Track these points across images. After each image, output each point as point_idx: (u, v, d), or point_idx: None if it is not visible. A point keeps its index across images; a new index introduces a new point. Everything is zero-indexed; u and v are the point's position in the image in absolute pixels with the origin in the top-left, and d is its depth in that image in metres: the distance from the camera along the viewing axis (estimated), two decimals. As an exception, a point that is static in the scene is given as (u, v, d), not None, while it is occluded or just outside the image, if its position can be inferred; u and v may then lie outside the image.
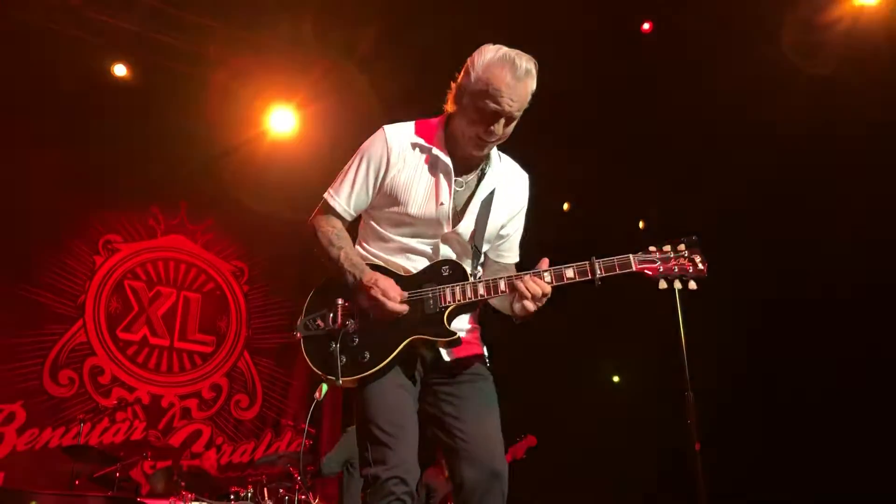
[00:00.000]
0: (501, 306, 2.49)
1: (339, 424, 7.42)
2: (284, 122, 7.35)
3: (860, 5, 5.71)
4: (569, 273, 2.31)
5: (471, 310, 2.45)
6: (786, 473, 6.12)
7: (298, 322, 2.40)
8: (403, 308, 2.31)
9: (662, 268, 2.37)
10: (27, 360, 6.74)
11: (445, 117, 2.47)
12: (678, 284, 2.40)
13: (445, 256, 2.45)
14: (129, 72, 6.69)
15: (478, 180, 2.47)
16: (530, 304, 2.28)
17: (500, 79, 2.23)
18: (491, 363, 2.53)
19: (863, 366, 5.81)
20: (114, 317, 7.32)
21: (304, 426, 2.59)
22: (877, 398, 5.66)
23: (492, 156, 2.48)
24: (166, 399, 7.35)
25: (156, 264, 7.70)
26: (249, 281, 8.14)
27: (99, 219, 7.44)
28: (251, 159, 7.57)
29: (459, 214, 2.44)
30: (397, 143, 2.42)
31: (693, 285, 2.40)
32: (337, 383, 2.29)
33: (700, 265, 2.39)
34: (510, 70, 2.23)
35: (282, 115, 7.30)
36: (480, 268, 2.52)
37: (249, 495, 5.50)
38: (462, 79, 2.35)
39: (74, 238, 7.26)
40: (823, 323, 6.04)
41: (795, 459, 6.05)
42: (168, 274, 7.73)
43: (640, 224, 5.77)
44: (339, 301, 2.37)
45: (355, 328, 2.33)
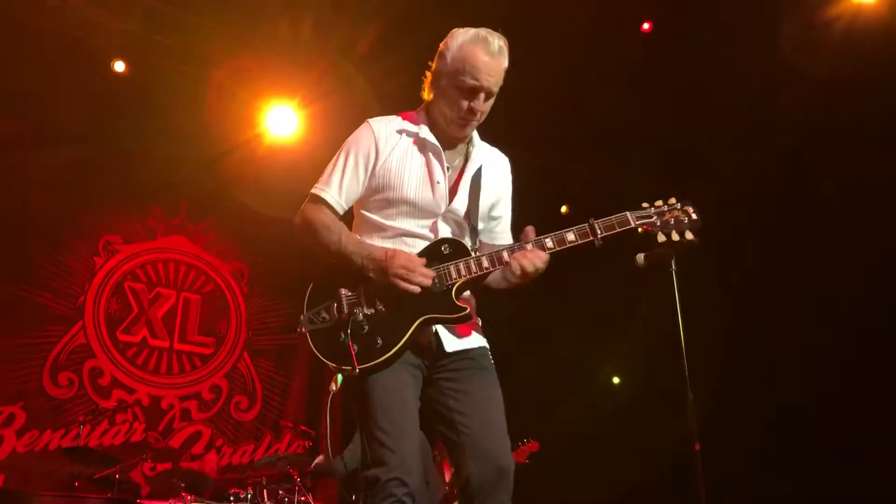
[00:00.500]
0: (494, 281, 2.51)
1: (340, 424, 7.40)
2: (284, 123, 7.34)
3: (858, 3, 5.70)
4: (570, 237, 2.38)
5: (476, 284, 2.44)
6: (786, 474, 6.11)
7: (302, 317, 2.35)
8: (430, 276, 2.29)
9: (659, 221, 2.46)
10: (27, 362, 6.73)
11: (424, 106, 2.54)
12: (676, 236, 2.46)
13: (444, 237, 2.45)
14: (129, 72, 6.67)
15: (464, 160, 2.53)
16: (530, 269, 2.31)
17: (476, 56, 2.35)
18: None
19: (864, 365, 5.81)
20: (113, 318, 7.31)
21: (325, 416, 2.53)
22: (877, 398, 5.65)
23: (474, 137, 2.55)
24: (166, 401, 7.35)
25: (156, 265, 7.69)
26: (249, 282, 8.14)
27: (99, 220, 7.43)
28: (251, 160, 7.56)
29: (452, 192, 2.48)
30: (384, 131, 2.48)
31: (690, 235, 2.46)
32: (355, 372, 2.24)
33: (693, 215, 2.48)
34: (484, 47, 2.35)
35: (282, 116, 7.29)
36: (479, 243, 2.52)
37: (249, 497, 5.51)
38: (437, 64, 2.45)
39: (74, 239, 7.24)
40: (824, 322, 6.04)
41: (795, 459, 6.05)
42: (168, 275, 7.72)
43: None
44: (343, 291, 2.33)
45: (365, 316, 2.28)
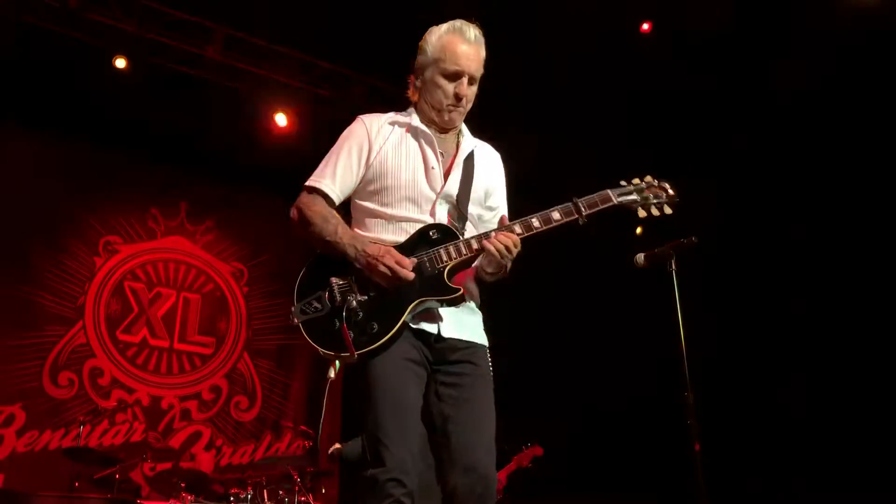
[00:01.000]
0: (482, 273, 2.52)
1: (339, 425, 7.41)
2: (285, 123, 7.34)
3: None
4: (555, 215, 2.43)
5: (467, 266, 2.45)
6: (786, 473, 6.11)
7: (293, 308, 2.34)
8: (412, 274, 2.31)
9: (639, 197, 2.55)
10: (27, 362, 6.75)
11: (412, 105, 2.64)
12: (655, 211, 2.57)
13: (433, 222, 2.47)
14: (130, 72, 6.67)
15: (455, 147, 2.60)
16: (500, 247, 2.33)
17: (455, 43, 2.49)
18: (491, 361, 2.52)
19: (863, 365, 5.80)
20: (113, 318, 7.32)
21: (323, 402, 2.50)
22: (878, 398, 5.65)
23: (463, 129, 2.64)
24: (166, 401, 7.35)
25: (156, 265, 7.70)
26: (249, 282, 8.15)
27: (99, 220, 7.45)
28: (251, 160, 7.57)
29: (445, 176, 2.53)
30: (375, 124, 2.57)
31: (668, 210, 2.58)
32: (353, 358, 2.24)
33: (670, 191, 2.60)
34: (461, 36, 2.50)
35: (282, 116, 7.29)
36: (472, 226, 2.54)
37: (249, 497, 5.50)
38: (419, 59, 2.58)
39: (74, 239, 7.26)
40: (822, 322, 6.04)
41: (796, 459, 6.05)
42: (168, 275, 7.73)
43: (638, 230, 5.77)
44: (334, 280, 2.33)
45: (358, 302, 2.28)
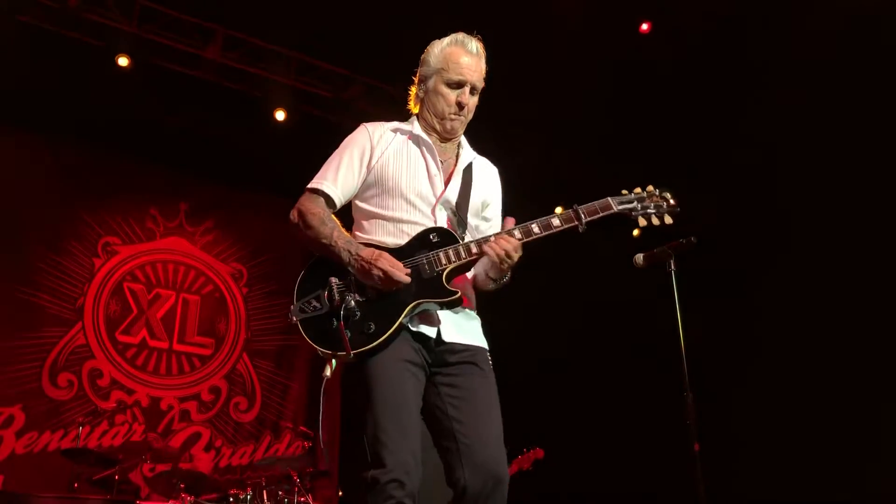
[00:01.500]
0: (482, 280, 2.56)
1: (339, 425, 7.41)
2: (284, 124, 7.33)
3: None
4: (555, 222, 2.45)
5: (465, 270, 2.48)
6: (786, 473, 6.12)
7: (292, 307, 2.37)
8: (407, 277, 2.33)
9: (639, 206, 2.56)
10: (26, 363, 6.74)
11: (414, 115, 2.68)
12: (656, 220, 2.57)
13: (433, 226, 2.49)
14: (129, 73, 6.66)
15: (455, 157, 2.65)
16: (501, 252, 2.35)
17: (458, 54, 2.55)
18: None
19: (864, 365, 5.81)
20: (113, 319, 7.31)
21: (320, 401, 2.50)
22: (878, 398, 5.65)
23: (463, 141, 2.68)
24: (165, 401, 7.35)
25: (155, 266, 7.69)
26: (248, 283, 8.14)
27: (98, 221, 7.44)
28: (250, 161, 7.56)
29: (446, 183, 2.57)
30: (378, 131, 2.62)
31: (668, 219, 2.58)
32: (349, 357, 2.27)
33: (671, 200, 2.59)
34: (463, 47, 2.56)
35: (281, 116, 7.28)
36: (469, 234, 2.56)
37: (249, 497, 5.50)
38: (421, 71, 2.63)
39: (73, 240, 7.25)
40: (823, 322, 6.04)
41: (795, 459, 6.05)
42: (167, 276, 7.73)
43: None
44: (333, 280, 2.36)
45: (356, 302, 2.31)
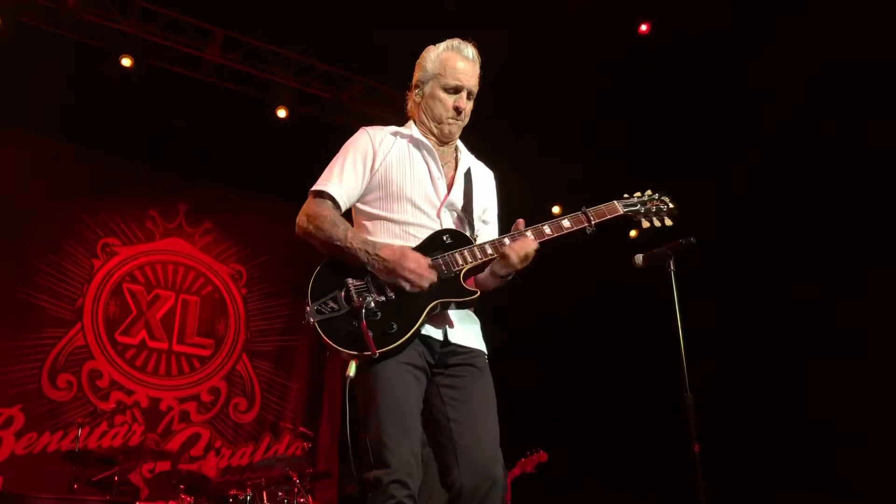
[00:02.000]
0: (483, 282, 2.56)
1: (339, 425, 7.40)
2: (283, 125, 7.33)
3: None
4: (566, 223, 2.53)
5: (479, 271, 2.51)
6: (786, 473, 6.13)
7: (308, 308, 2.33)
8: (434, 278, 2.34)
9: (643, 209, 2.72)
10: (25, 364, 6.73)
11: (411, 119, 2.71)
12: (657, 222, 2.75)
13: (445, 227, 2.52)
14: (128, 74, 6.66)
15: (455, 161, 2.68)
16: (522, 253, 2.40)
17: (454, 59, 2.60)
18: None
19: (864, 364, 5.82)
20: (112, 320, 7.30)
21: (346, 403, 2.47)
22: (878, 398, 5.66)
23: (460, 145, 2.71)
24: (165, 402, 7.34)
25: (154, 267, 7.69)
26: (248, 284, 8.14)
27: (97, 222, 7.43)
28: (250, 161, 7.56)
29: (449, 186, 2.60)
30: (379, 135, 2.63)
31: (668, 222, 2.76)
32: (375, 356, 2.27)
33: (670, 204, 2.76)
34: (459, 53, 2.62)
35: (283, 115, 7.28)
36: (477, 236, 2.59)
37: (248, 498, 5.50)
38: (417, 76, 2.67)
39: (72, 241, 7.24)
40: (821, 322, 6.05)
41: (796, 459, 6.06)
42: (167, 277, 7.72)
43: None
44: (350, 280, 2.35)
45: (376, 303, 2.30)
